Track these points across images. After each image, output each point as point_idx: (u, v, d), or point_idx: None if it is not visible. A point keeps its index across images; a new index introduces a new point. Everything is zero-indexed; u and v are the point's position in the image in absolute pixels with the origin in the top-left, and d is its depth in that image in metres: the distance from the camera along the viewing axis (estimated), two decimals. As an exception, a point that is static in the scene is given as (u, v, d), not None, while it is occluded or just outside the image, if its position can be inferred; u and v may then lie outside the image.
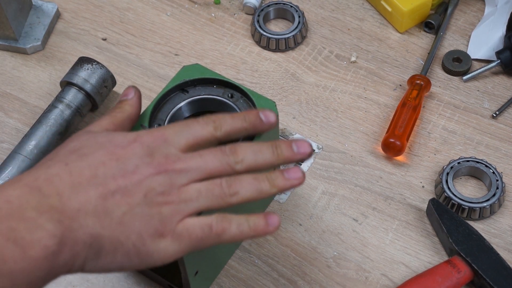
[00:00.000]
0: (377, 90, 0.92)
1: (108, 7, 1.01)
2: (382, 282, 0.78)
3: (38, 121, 0.85)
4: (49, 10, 0.98)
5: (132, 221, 0.59)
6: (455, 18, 0.99)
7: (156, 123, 0.72)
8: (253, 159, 0.63)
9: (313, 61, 0.95)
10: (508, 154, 0.86)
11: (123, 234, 0.58)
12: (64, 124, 0.85)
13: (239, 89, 0.73)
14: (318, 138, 0.88)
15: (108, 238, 0.58)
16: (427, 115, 0.90)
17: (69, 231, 0.57)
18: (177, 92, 0.74)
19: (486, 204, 0.80)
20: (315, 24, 0.99)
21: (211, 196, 0.61)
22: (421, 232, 0.81)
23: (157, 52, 0.96)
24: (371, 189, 0.84)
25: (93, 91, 0.87)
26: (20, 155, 0.82)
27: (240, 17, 1.00)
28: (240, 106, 0.73)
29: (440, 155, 0.86)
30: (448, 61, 0.93)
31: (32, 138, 0.84)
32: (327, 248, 0.80)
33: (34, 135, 0.84)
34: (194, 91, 0.74)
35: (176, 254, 0.60)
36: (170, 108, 0.73)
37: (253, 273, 0.79)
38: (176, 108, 0.73)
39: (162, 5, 1.01)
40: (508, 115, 0.90)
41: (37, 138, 0.84)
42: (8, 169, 0.81)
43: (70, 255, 0.57)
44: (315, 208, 0.83)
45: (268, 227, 0.62)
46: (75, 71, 0.87)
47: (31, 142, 0.83)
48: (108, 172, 0.59)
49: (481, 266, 0.75)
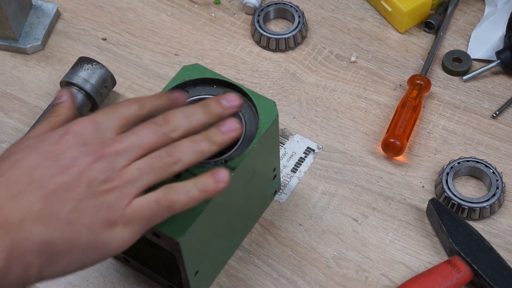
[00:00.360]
0: (377, 90, 0.92)
1: (108, 7, 1.01)
2: (382, 282, 0.78)
3: (38, 121, 0.85)
4: (49, 10, 0.98)
5: (80, 216, 0.57)
6: (455, 18, 0.99)
7: None
8: (186, 123, 0.63)
9: (313, 61, 0.95)
10: (508, 154, 0.86)
11: (74, 232, 0.57)
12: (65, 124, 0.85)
13: (239, 89, 0.73)
14: (318, 138, 0.88)
15: (59, 240, 0.57)
16: (427, 115, 0.90)
17: (17, 243, 0.55)
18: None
19: (486, 204, 0.80)
20: (315, 24, 0.99)
21: (154, 170, 0.60)
22: (421, 232, 0.81)
23: (157, 52, 0.96)
24: (371, 189, 0.84)
25: (93, 91, 0.87)
26: None
27: (240, 17, 1.00)
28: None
29: (440, 155, 0.86)
30: (448, 61, 0.93)
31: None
32: (327, 248, 0.80)
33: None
34: (194, 91, 0.74)
35: (132, 238, 0.60)
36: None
37: (253, 273, 0.79)
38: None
39: (162, 5, 1.01)
40: (508, 115, 0.90)
41: None
42: None
43: (21, 267, 0.55)
44: (315, 208, 0.83)
45: (218, 184, 0.62)
46: (75, 71, 0.87)
47: None
48: (45, 173, 0.58)
49: (481, 266, 0.75)
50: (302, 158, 0.86)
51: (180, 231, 0.65)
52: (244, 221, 0.79)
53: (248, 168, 0.71)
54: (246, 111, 0.73)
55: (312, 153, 0.87)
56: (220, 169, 0.62)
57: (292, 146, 0.87)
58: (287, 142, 0.88)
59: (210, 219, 0.68)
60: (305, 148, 0.87)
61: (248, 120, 0.72)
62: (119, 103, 0.64)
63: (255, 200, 0.79)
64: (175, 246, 0.66)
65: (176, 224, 0.65)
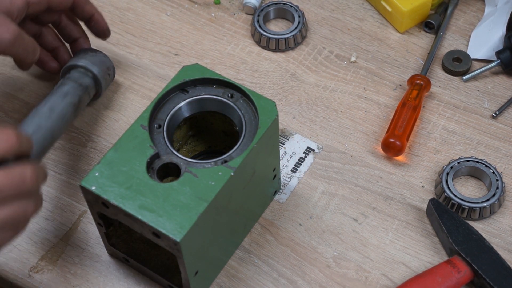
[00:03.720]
0: (377, 90, 0.92)
1: (108, 7, 1.01)
2: (382, 282, 0.78)
3: (50, 94, 0.81)
4: (49, 10, 0.98)
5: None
6: (455, 18, 0.99)
7: (156, 123, 0.72)
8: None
9: (313, 61, 0.95)
10: (508, 154, 0.86)
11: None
12: (77, 97, 0.81)
13: (239, 89, 0.73)
14: (318, 138, 0.88)
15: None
16: (427, 115, 0.90)
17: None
18: (177, 92, 0.74)
19: (486, 204, 0.80)
20: (315, 24, 0.99)
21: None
22: (421, 232, 0.81)
23: (157, 52, 0.96)
24: (371, 189, 0.84)
25: (100, 74, 0.85)
26: (36, 118, 0.78)
27: (240, 17, 1.00)
28: (240, 106, 0.73)
29: (440, 155, 0.86)
30: (448, 61, 0.93)
31: (46, 104, 0.79)
32: (327, 248, 0.80)
33: (47, 101, 0.80)
34: (194, 91, 0.74)
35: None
36: (170, 108, 0.73)
37: (253, 273, 0.79)
38: (176, 108, 0.73)
39: (162, 5, 1.01)
40: (508, 115, 0.90)
41: (51, 105, 0.79)
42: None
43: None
44: (315, 208, 0.83)
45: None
46: (80, 57, 0.85)
47: (44, 106, 0.79)
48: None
49: (481, 266, 0.75)
50: (302, 158, 0.86)
51: (180, 231, 0.65)
52: (244, 221, 0.79)
53: (248, 168, 0.71)
54: (246, 111, 0.73)
55: (312, 153, 0.87)
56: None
57: (292, 146, 0.87)
58: (287, 142, 0.88)
59: (210, 219, 0.68)
60: (305, 148, 0.87)
61: (248, 120, 0.72)
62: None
63: (255, 200, 0.79)
64: (175, 246, 0.66)
65: (176, 224, 0.65)
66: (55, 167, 0.86)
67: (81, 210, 0.83)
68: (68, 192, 0.84)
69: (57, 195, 0.84)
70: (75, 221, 0.82)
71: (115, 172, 0.68)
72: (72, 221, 0.82)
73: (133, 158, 0.69)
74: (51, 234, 0.81)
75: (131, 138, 0.70)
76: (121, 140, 0.70)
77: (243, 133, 0.71)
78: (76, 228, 0.82)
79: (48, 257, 0.80)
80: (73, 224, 0.82)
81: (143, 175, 0.68)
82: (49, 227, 0.82)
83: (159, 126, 0.72)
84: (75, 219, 0.82)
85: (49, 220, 0.82)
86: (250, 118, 0.72)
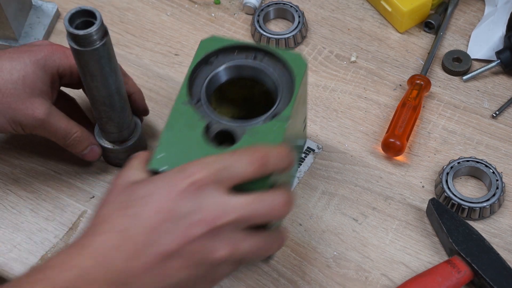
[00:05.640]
0: (377, 90, 0.92)
1: (108, 7, 1.01)
2: (382, 282, 0.78)
3: None
4: (49, 10, 0.98)
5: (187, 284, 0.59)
6: (455, 18, 0.99)
7: (195, 97, 0.72)
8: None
9: (313, 61, 0.95)
10: (508, 154, 0.86)
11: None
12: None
13: (262, 50, 0.73)
14: (318, 138, 0.88)
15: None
16: (427, 115, 0.90)
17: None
18: (201, 66, 0.74)
19: (486, 204, 0.80)
20: (315, 24, 0.99)
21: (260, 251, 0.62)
22: (421, 232, 0.81)
23: (157, 52, 0.96)
24: (371, 189, 0.84)
25: None
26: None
27: (240, 17, 1.00)
28: (268, 64, 0.73)
29: (440, 155, 0.86)
30: (448, 61, 0.93)
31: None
32: (327, 248, 0.80)
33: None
34: (218, 61, 0.74)
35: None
36: (201, 82, 0.73)
37: (253, 273, 0.79)
38: (210, 77, 0.73)
39: (162, 5, 1.01)
40: (508, 115, 0.90)
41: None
42: None
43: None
44: (315, 208, 0.83)
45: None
46: None
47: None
48: (163, 237, 0.58)
49: (481, 266, 0.75)
50: (302, 158, 0.86)
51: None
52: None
53: (295, 118, 0.72)
54: (275, 68, 0.73)
55: (312, 153, 0.87)
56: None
57: (292, 146, 0.87)
58: (287, 142, 0.88)
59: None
60: (305, 148, 0.87)
61: (279, 76, 0.72)
62: (238, 152, 0.62)
63: (296, 153, 0.80)
64: None
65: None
66: (55, 167, 0.86)
67: (81, 210, 0.83)
68: (68, 192, 0.84)
69: (57, 195, 0.84)
70: (75, 221, 0.82)
71: (177, 150, 0.67)
72: (72, 221, 0.82)
73: (189, 133, 0.68)
74: (51, 234, 0.81)
75: (179, 116, 0.70)
76: (170, 120, 0.70)
77: (280, 88, 0.72)
78: (76, 228, 0.82)
79: (48, 257, 0.80)
80: (73, 224, 0.82)
81: (204, 146, 0.67)
82: (49, 227, 0.82)
83: (198, 101, 0.72)
84: (75, 219, 0.82)
85: (49, 220, 0.82)
86: (280, 73, 0.73)
